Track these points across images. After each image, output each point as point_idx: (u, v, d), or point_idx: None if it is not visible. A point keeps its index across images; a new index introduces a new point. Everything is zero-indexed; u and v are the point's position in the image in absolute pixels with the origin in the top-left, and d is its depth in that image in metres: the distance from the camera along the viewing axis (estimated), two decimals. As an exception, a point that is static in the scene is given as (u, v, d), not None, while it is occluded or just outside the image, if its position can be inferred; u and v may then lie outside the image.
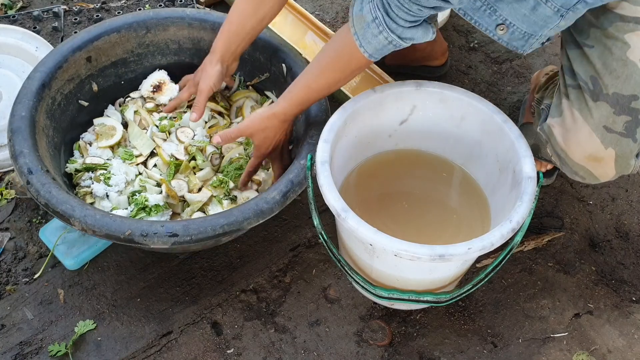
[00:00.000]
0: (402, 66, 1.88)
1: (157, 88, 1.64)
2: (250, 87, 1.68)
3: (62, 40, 1.89)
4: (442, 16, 2.04)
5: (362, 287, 1.30)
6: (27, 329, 1.42)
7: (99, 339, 1.41)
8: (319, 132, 1.36)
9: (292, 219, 1.61)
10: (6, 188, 1.64)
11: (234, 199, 1.48)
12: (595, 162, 1.25)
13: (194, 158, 1.53)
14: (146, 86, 1.65)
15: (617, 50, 1.20)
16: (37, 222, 1.58)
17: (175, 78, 1.66)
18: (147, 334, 1.42)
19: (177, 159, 1.52)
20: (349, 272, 1.28)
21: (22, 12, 1.96)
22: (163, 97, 1.63)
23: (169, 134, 1.58)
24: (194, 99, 1.51)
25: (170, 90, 1.65)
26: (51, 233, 1.50)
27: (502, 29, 1.19)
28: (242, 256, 1.54)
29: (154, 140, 1.56)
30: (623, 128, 1.21)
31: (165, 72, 1.66)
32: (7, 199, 1.63)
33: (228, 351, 1.40)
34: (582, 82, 1.24)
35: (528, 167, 1.23)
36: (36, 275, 1.49)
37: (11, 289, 1.48)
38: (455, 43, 2.05)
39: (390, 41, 1.17)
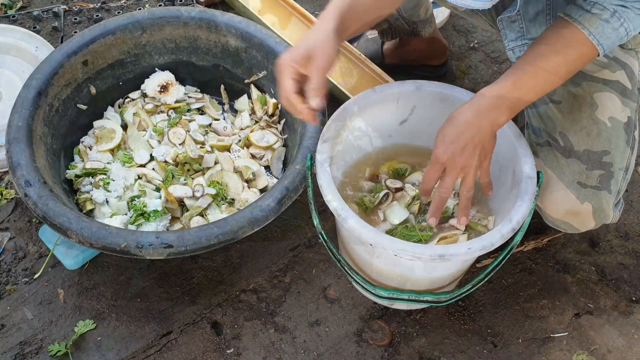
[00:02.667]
0: (402, 66, 1.88)
1: (164, 88, 1.64)
2: (251, 85, 1.68)
3: (62, 40, 1.89)
4: (442, 16, 2.03)
5: (362, 287, 1.30)
6: (27, 329, 1.42)
7: (99, 339, 1.41)
8: (314, 135, 1.35)
9: (292, 219, 1.61)
10: (6, 188, 1.64)
11: (231, 202, 1.48)
12: (574, 216, 1.26)
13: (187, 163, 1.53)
14: (152, 86, 1.64)
15: (586, 108, 1.22)
16: (37, 221, 1.58)
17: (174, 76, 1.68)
18: (147, 334, 1.42)
19: (167, 162, 1.52)
20: (349, 272, 1.28)
21: (22, 12, 1.96)
22: (169, 98, 1.63)
23: (163, 135, 1.58)
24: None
25: (177, 91, 1.65)
26: (51, 233, 1.50)
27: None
28: (242, 256, 1.54)
29: (149, 144, 1.56)
30: (597, 182, 1.22)
31: (170, 73, 1.67)
32: (7, 199, 1.63)
33: (228, 351, 1.40)
34: (551, 139, 1.26)
35: (528, 167, 1.23)
36: (36, 275, 1.49)
37: (11, 289, 1.48)
38: (455, 43, 2.05)
39: (627, 33, 1.10)
